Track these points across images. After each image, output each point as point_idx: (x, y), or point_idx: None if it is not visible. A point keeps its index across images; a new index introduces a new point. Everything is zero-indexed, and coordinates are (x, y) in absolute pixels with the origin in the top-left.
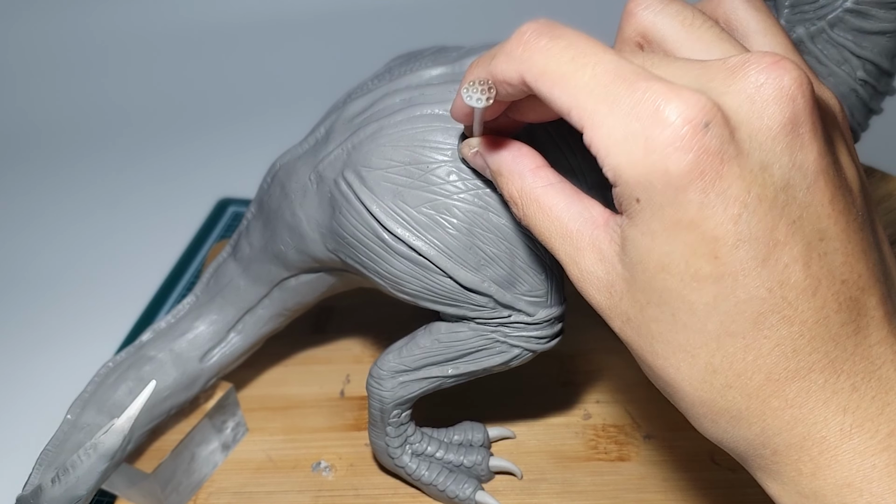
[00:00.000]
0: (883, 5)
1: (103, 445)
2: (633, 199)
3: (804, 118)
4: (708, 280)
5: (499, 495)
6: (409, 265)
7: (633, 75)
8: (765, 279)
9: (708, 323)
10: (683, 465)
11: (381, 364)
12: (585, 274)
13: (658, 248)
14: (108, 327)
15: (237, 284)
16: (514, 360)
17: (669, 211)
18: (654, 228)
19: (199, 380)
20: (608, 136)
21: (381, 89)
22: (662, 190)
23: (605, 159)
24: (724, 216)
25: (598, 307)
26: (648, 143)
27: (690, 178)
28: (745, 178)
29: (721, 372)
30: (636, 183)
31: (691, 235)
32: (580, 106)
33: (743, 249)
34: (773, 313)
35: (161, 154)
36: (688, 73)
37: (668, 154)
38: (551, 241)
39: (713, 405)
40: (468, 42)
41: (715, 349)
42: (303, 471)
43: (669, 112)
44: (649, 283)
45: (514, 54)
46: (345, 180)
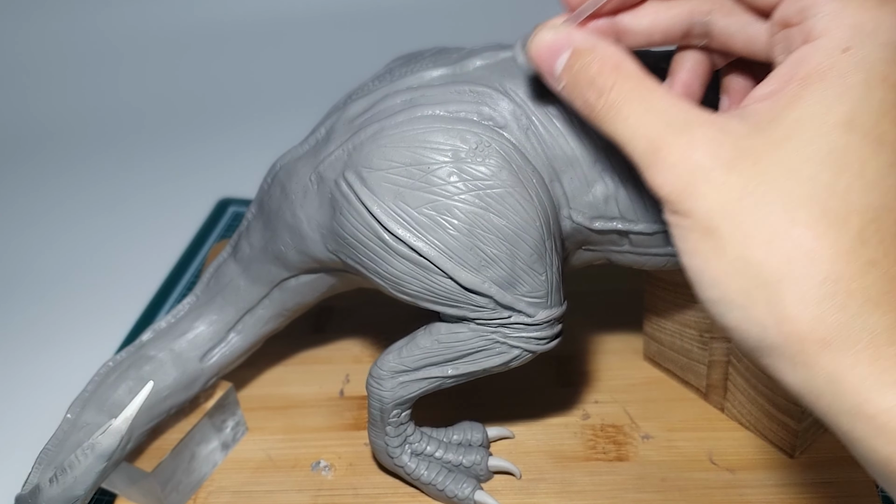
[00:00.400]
0: None
1: (101, 446)
2: (841, 49)
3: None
4: (890, 145)
5: (497, 495)
6: (410, 266)
7: None
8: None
9: (874, 190)
10: (681, 466)
11: (381, 364)
12: (700, 140)
13: (850, 102)
14: (108, 327)
15: (237, 284)
16: (513, 360)
17: (880, 66)
18: (852, 81)
19: (199, 379)
20: None
21: (382, 90)
22: (883, 43)
23: (828, 4)
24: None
25: (713, 173)
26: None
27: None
28: None
29: (871, 245)
30: (857, 30)
31: (891, 96)
32: None
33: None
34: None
35: (162, 154)
36: None
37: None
38: (647, 115)
39: (852, 282)
40: (469, 43)
41: (870, 220)
42: (302, 470)
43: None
44: (820, 141)
45: None
46: (345, 181)
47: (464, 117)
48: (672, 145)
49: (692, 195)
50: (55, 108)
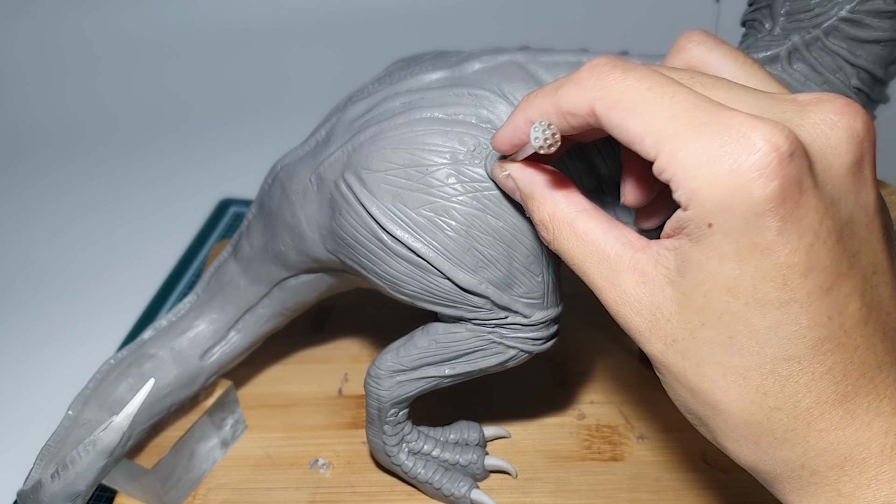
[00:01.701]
0: (877, 14)
1: (102, 442)
2: (706, 224)
3: (868, 161)
4: (773, 305)
5: (494, 494)
6: (408, 266)
7: (712, 105)
8: (826, 307)
9: (766, 346)
10: (676, 466)
11: (379, 363)
12: (625, 296)
13: (726, 271)
14: (110, 325)
15: (237, 284)
16: (510, 360)
17: (746, 235)
18: (724, 251)
19: (199, 377)
20: (691, 159)
21: (382, 93)
22: (742, 214)
23: (683, 182)
24: (799, 244)
25: (637, 330)
26: (734, 166)
27: (772, 204)
28: (819, 210)
29: (772, 394)
30: (714, 206)
31: (764, 260)
32: (659, 131)
33: (811, 278)
34: (829, 340)
35: (163, 155)
36: (758, 102)
37: (753, 179)
38: (585, 265)
39: (758, 426)
40: (468, 47)
41: (769, 372)
42: (301, 468)
43: (757, 139)
44: (709, 305)
45: (586, 83)
46: (345, 182)
47: (462, 120)
48: (607, 298)
49: (637, 340)
50: (58, 109)
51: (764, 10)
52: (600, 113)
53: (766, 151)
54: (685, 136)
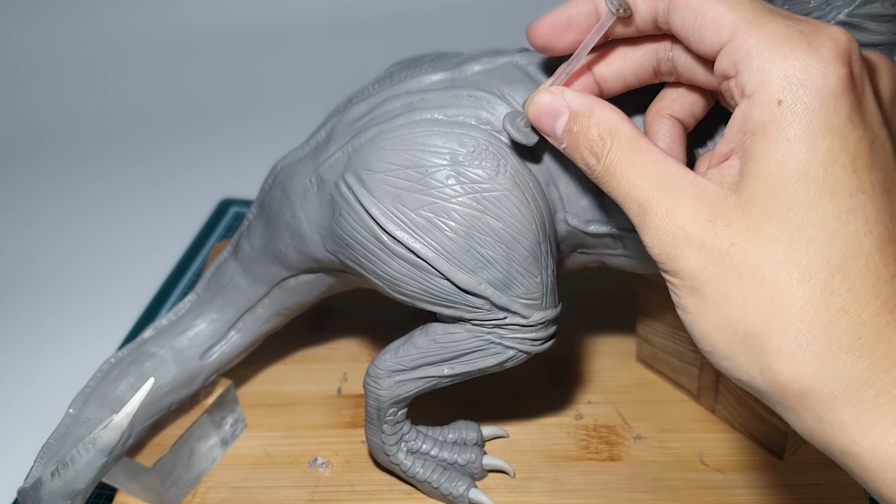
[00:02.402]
0: (875, 18)
1: (102, 441)
2: (775, 101)
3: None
4: (844, 193)
5: (492, 493)
6: (408, 267)
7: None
8: (888, 207)
9: (835, 239)
10: (673, 466)
11: (379, 363)
12: (679, 205)
13: (796, 156)
14: (110, 324)
15: (238, 284)
16: (508, 361)
17: (818, 115)
18: (794, 134)
19: (199, 376)
20: (770, 36)
21: (382, 94)
22: (816, 91)
23: (757, 59)
24: (864, 136)
25: (688, 237)
26: (813, 46)
27: (845, 87)
28: (878, 114)
29: (839, 294)
30: (788, 82)
31: (835, 142)
32: (740, 14)
33: (875, 173)
34: (892, 244)
35: (164, 155)
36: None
37: (830, 59)
38: (639, 179)
39: (824, 333)
40: (468, 49)
41: (836, 269)
42: (300, 467)
43: (835, 31)
44: (777, 199)
45: None
46: (345, 183)
47: (462, 121)
48: (658, 209)
49: (676, 257)
50: (60, 110)
51: None
52: None
53: (843, 42)
54: (764, 19)
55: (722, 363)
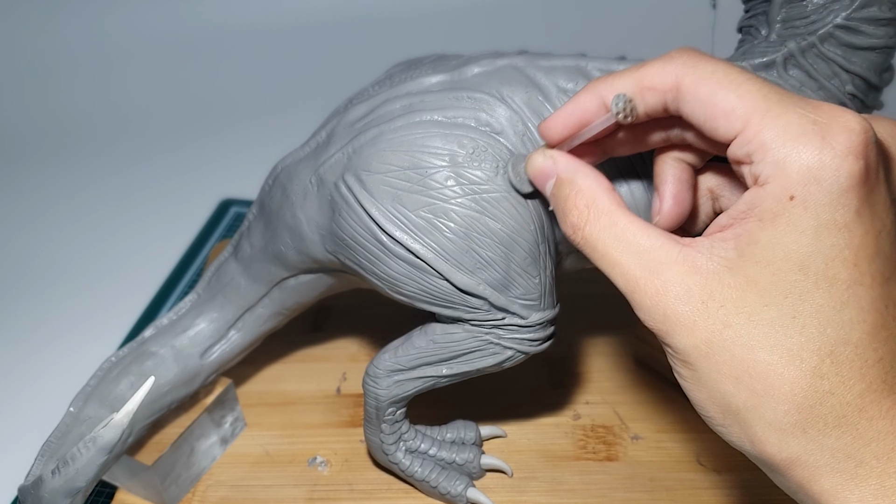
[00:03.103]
0: (872, 22)
1: (102, 439)
2: (787, 196)
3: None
4: (843, 284)
5: (489, 492)
6: (407, 267)
7: (797, 94)
8: (885, 295)
9: (829, 327)
10: (670, 466)
11: (378, 363)
12: (669, 286)
13: (802, 248)
14: (111, 323)
15: (238, 283)
16: (506, 361)
17: (827, 211)
18: (803, 226)
19: (199, 375)
20: (782, 131)
21: (382, 95)
22: (829, 188)
23: (771, 152)
24: (871, 228)
25: (680, 320)
26: (827, 141)
27: (857, 181)
28: (888, 201)
29: (827, 378)
30: (801, 177)
31: (840, 238)
32: (751, 104)
33: (878, 263)
34: (884, 328)
35: (165, 155)
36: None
37: (844, 154)
38: (620, 255)
39: (811, 412)
40: (467, 51)
41: (826, 355)
42: (299, 465)
43: (850, 121)
44: (776, 285)
45: (676, 60)
46: (345, 184)
47: (461, 123)
48: (646, 288)
49: (669, 334)
50: (62, 110)
51: (760, 17)
52: (688, 86)
53: (858, 132)
54: (777, 110)
55: (716, 428)
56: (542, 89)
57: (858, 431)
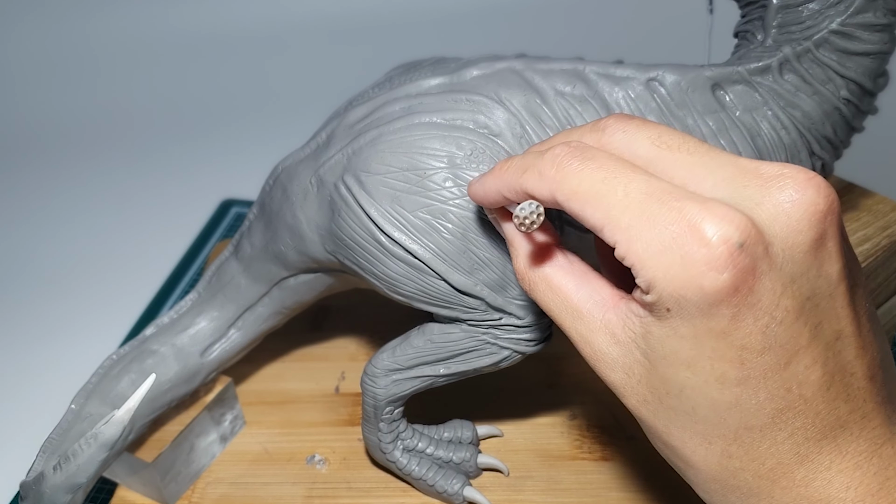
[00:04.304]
0: (867, 28)
1: (103, 435)
2: (664, 308)
3: (832, 233)
4: (732, 382)
5: (486, 491)
6: (405, 267)
7: (665, 193)
8: (786, 380)
9: (728, 418)
10: (665, 466)
11: (376, 362)
12: (598, 353)
13: (685, 350)
14: (112, 321)
15: (238, 283)
16: (503, 361)
17: (701, 321)
18: (682, 333)
19: (199, 374)
20: (644, 251)
21: (382, 97)
22: (696, 303)
23: (641, 272)
24: (754, 327)
25: (613, 385)
26: (685, 259)
27: (724, 294)
28: (776, 291)
29: (736, 457)
30: (669, 296)
31: (720, 343)
32: (614, 223)
33: (768, 356)
34: (790, 409)
35: (167, 156)
36: (722, 175)
37: (703, 272)
38: (560, 319)
39: (725, 483)
40: (466, 53)
41: (732, 440)
42: (297, 463)
43: (706, 230)
44: (671, 378)
45: (547, 174)
46: (344, 184)
47: (460, 125)
48: (585, 352)
49: (615, 392)
50: (65, 110)
51: (756, 22)
52: (561, 202)
53: (715, 245)
54: (637, 227)
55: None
56: (540, 92)
57: (774, 498)
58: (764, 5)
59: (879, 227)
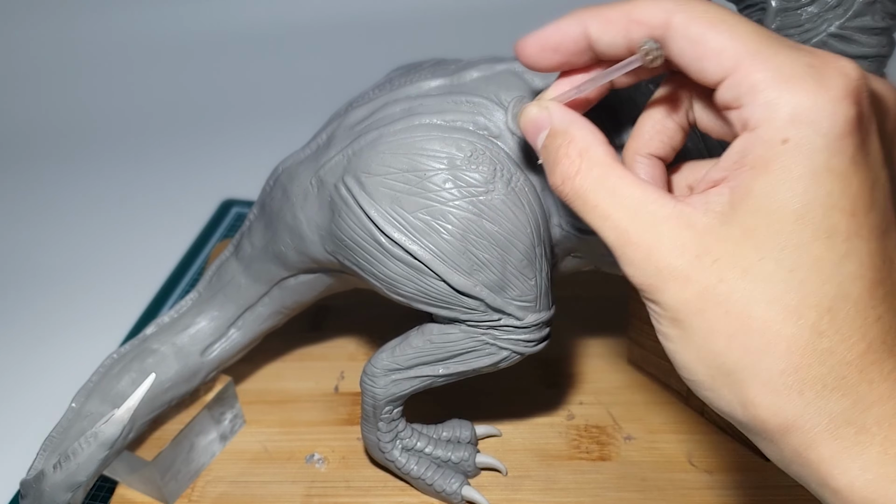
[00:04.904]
0: (865, 31)
1: (103, 434)
2: (780, 140)
3: None
4: (841, 236)
5: (484, 490)
6: (405, 268)
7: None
8: (883, 249)
9: (828, 282)
10: (662, 466)
11: (375, 362)
12: (661, 238)
13: (798, 196)
14: (113, 320)
15: (238, 282)
16: (502, 361)
17: (822, 155)
18: (797, 173)
19: (199, 373)
20: (775, 71)
21: (382, 99)
22: (824, 131)
23: (763, 93)
24: (867, 178)
25: (672, 273)
26: (822, 83)
27: (852, 128)
28: (881, 154)
29: (827, 336)
30: (795, 119)
31: (837, 185)
32: (744, 45)
33: (874, 215)
34: (882, 285)
35: (168, 156)
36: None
37: (840, 98)
38: (611, 207)
39: (809, 371)
40: (466, 55)
41: (826, 310)
42: (297, 462)
43: (845, 66)
44: (772, 237)
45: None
46: (345, 185)
47: (460, 126)
48: (639, 242)
49: (659, 290)
50: (66, 111)
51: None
52: (678, 24)
53: (854, 77)
54: (769, 52)
55: (704, 392)
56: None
57: (859, 395)
58: (763, 8)
59: None
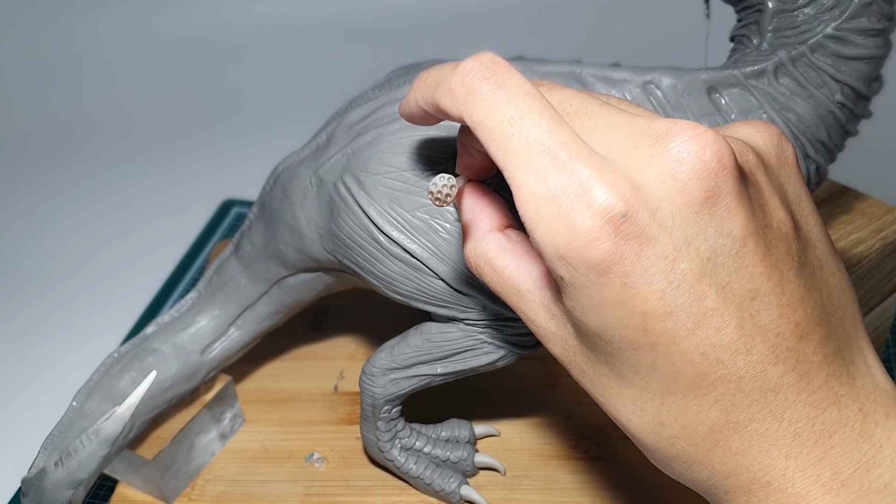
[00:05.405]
0: (861, 33)
1: (105, 432)
2: (559, 276)
3: (727, 188)
4: (643, 348)
5: (482, 490)
6: (403, 267)
7: (565, 148)
8: (697, 344)
9: (651, 382)
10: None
11: (374, 362)
12: (541, 329)
13: (590, 320)
14: (114, 320)
15: (238, 282)
16: (500, 360)
17: (594, 291)
18: (583, 304)
19: (199, 372)
20: (535, 212)
21: (381, 98)
22: (585, 273)
23: (531, 232)
24: (649, 293)
25: (557, 358)
26: (570, 228)
27: (609, 263)
28: (668, 256)
29: (668, 424)
30: (559, 263)
31: (619, 311)
32: (512, 172)
33: (671, 321)
34: (709, 374)
35: (169, 156)
36: (619, 133)
37: (587, 242)
38: (507, 298)
39: (665, 453)
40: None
41: (660, 405)
42: (296, 461)
43: (593, 198)
44: (593, 346)
45: (458, 95)
46: (344, 184)
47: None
48: (531, 327)
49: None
50: (67, 111)
51: (752, 26)
52: (470, 126)
53: (599, 214)
54: (530, 185)
55: None
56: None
57: (714, 467)
58: (760, 10)
59: (873, 230)
